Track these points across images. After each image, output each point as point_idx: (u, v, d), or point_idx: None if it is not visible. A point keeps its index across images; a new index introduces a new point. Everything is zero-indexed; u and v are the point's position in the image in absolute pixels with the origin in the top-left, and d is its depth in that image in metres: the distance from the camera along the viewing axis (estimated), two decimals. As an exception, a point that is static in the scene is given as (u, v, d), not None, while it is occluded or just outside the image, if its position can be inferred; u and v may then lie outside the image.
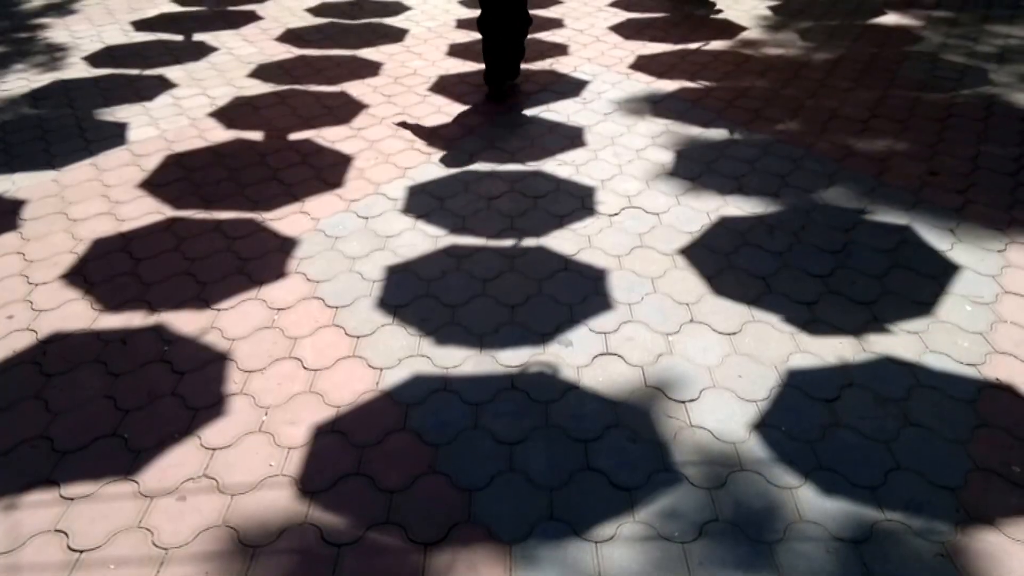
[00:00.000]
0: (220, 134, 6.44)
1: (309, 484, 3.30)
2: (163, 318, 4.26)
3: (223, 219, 5.21)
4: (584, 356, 3.95)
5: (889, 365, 3.88)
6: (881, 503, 3.19)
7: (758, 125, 6.52)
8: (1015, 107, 6.82)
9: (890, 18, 9.28)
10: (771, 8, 9.74)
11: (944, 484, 3.28)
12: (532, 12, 9.64)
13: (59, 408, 3.70)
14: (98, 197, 5.49)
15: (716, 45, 8.45)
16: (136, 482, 3.33)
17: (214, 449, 3.45)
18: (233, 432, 3.54)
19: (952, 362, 3.89)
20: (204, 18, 9.44)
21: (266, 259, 4.78)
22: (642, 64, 7.94)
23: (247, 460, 3.41)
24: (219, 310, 4.32)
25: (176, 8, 9.85)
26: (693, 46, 8.42)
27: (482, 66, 7.92)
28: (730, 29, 8.96)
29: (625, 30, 8.96)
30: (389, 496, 3.24)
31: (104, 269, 4.70)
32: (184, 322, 4.23)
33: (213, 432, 3.54)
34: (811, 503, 3.20)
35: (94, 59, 8.11)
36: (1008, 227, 5.03)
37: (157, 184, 5.65)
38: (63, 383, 3.84)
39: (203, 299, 4.41)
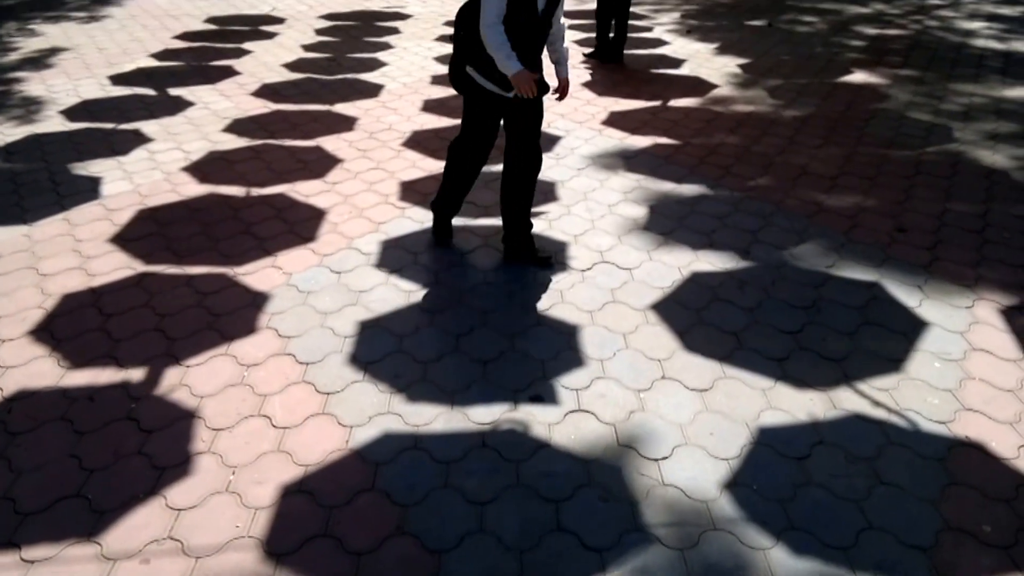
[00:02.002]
0: (194, 188, 6.43)
1: (276, 546, 3.25)
2: (131, 375, 4.21)
3: (195, 274, 5.19)
4: (556, 413, 3.94)
5: (859, 422, 3.88)
6: (853, 564, 3.18)
7: (729, 181, 6.59)
8: (980, 164, 6.93)
9: (858, 76, 9.44)
10: (741, 66, 9.88)
11: (915, 544, 3.27)
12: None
13: (23, 467, 3.64)
14: (69, 252, 5.46)
15: (687, 102, 8.55)
16: (99, 544, 3.27)
17: (180, 510, 3.40)
18: (199, 492, 3.49)
19: (922, 419, 3.90)
20: (181, 73, 9.47)
21: (237, 315, 4.76)
22: (615, 120, 8.02)
23: (213, 521, 3.36)
24: (188, 367, 4.28)
25: (154, 63, 9.88)
26: (665, 103, 8.51)
27: (456, 120, 7.97)
28: (701, 86, 9.07)
29: (598, 87, 9.06)
30: (357, 558, 3.20)
31: (72, 325, 4.66)
32: (152, 379, 4.19)
33: (179, 492, 3.49)
34: (783, 564, 3.18)
35: (70, 113, 8.11)
36: (975, 284, 5.08)
37: (129, 239, 5.63)
38: (28, 442, 3.79)
39: (172, 355, 4.38)
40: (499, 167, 6.84)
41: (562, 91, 5.04)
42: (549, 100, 8.54)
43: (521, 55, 4.62)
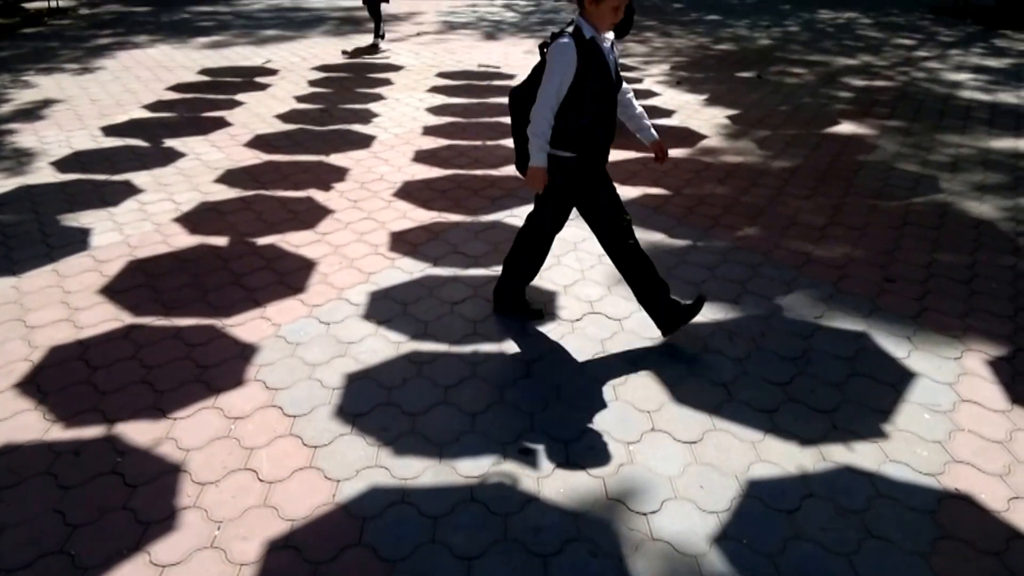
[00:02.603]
0: (184, 239, 6.44)
1: (260, 602, 3.21)
2: (117, 428, 4.19)
3: (183, 326, 5.18)
4: (545, 466, 3.92)
5: (849, 475, 3.87)
6: (843, 618, 3.15)
7: (718, 231, 6.62)
8: (968, 215, 6.98)
9: (846, 128, 9.53)
10: (730, 117, 9.97)
11: (906, 598, 3.24)
12: (497, 123, 9.81)
13: (6, 523, 3.60)
14: (57, 304, 5.44)
15: (677, 152, 8.61)
16: (81, 601, 3.23)
17: (163, 566, 3.36)
18: (184, 548, 3.45)
19: (911, 472, 3.89)
20: (174, 124, 9.53)
21: (225, 366, 4.74)
22: (605, 170, 8.06)
23: (197, 577, 3.32)
24: (175, 419, 4.26)
25: (146, 114, 9.94)
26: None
27: (446, 171, 8.01)
28: (690, 137, 9.15)
29: (589, 137, 9.10)
30: (342, 614, 3.16)
31: (59, 378, 4.64)
32: (138, 432, 4.16)
33: (164, 548, 3.45)
34: (773, 619, 3.15)
35: (61, 164, 8.14)
36: (964, 335, 5.09)
37: (118, 290, 5.62)
38: (11, 497, 3.75)
39: (159, 408, 4.35)
40: (488, 216, 6.87)
41: (662, 155, 4.99)
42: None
43: (599, 124, 4.55)
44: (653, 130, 5.00)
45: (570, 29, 4.44)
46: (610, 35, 4.58)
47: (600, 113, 4.55)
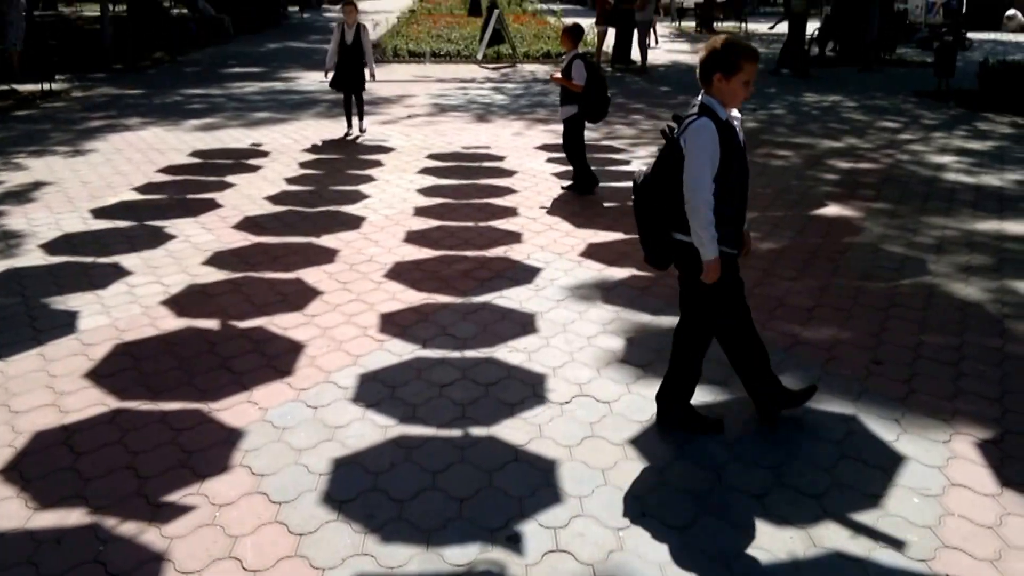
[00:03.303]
0: (172, 322, 6.43)
1: None
2: (100, 516, 4.13)
3: (169, 410, 5.14)
4: (533, 553, 3.87)
5: (840, 560, 3.83)
6: None
7: (707, 313, 6.63)
8: (954, 297, 7.03)
9: (832, 210, 9.63)
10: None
11: None
12: (488, 204, 9.90)
13: (-17, 615, 3.53)
14: (42, 388, 5.41)
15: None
16: None
17: (144, 659, 3.30)
18: (165, 640, 3.39)
19: (902, 557, 3.85)
20: (164, 206, 9.58)
21: (210, 452, 4.70)
22: (593, 252, 8.13)
23: (178, 671, 3.25)
24: (159, 506, 4.20)
25: (137, 196, 10.00)
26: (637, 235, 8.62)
27: (436, 252, 8.06)
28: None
29: (577, 219, 9.19)
30: None
31: (42, 464, 4.58)
32: (122, 520, 4.10)
33: (144, 640, 3.39)
34: None
35: (50, 247, 8.15)
36: (952, 417, 5.09)
37: (104, 374, 5.60)
38: (-10, 587, 3.69)
39: (143, 495, 4.30)
40: (478, 298, 6.89)
41: (747, 247, 4.83)
42: (530, 231, 8.66)
43: (738, 211, 4.51)
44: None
45: (694, 110, 4.43)
46: (736, 113, 4.57)
47: (743, 197, 4.54)
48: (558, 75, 10.16)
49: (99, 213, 9.27)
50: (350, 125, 14.09)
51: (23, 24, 19.91)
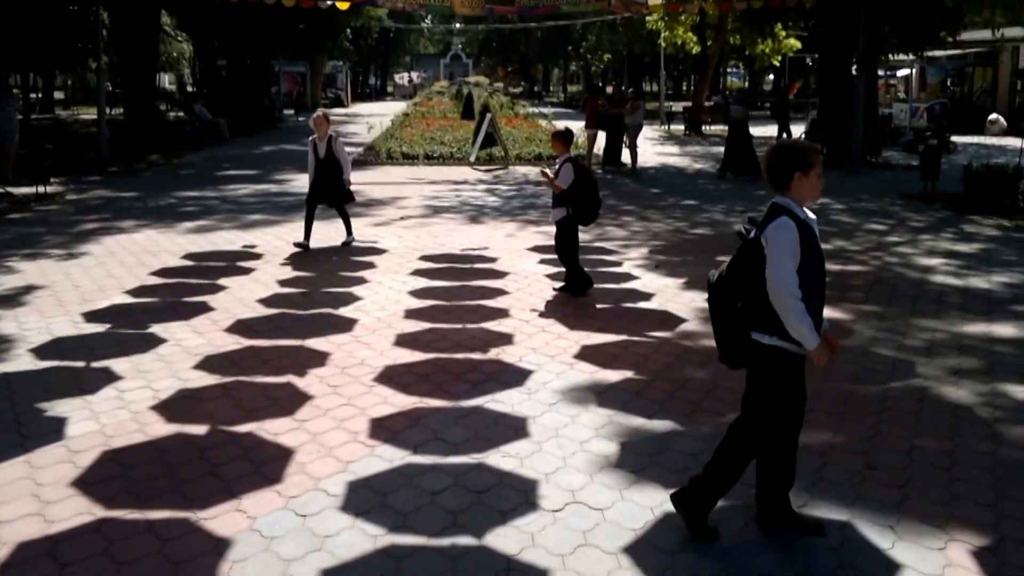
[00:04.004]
0: (161, 428, 6.38)
1: None
2: (82, 631, 4.03)
3: (156, 519, 5.06)
4: (525, 669, 3.78)
5: (841, 676, 3.74)
6: None
7: (700, 417, 6.63)
8: (945, 400, 7.03)
9: (823, 310, 9.66)
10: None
11: None
12: (480, 306, 9.93)
13: None
14: (28, 497, 5.33)
15: (657, 336, 8.70)
16: None
17: None
18: None
19: (905, 672, 3.77)
20: (155, 309, 9.58)
21: (197, 562, 4.61)
22: (586, 354, 8.13)
23: None
24: (143, 621, 4.11)
25: (129, 299, 10.01)
26: (635, 337, 8.65)
27: (428, 355, 8.05)
28: (670, 321, 9.27)
29: (570, 320, 9.22)
30: None
31: (25, 576, 4.50)
32: (104, 635, 4.00)
33: None
34: None
35: (40, 351, 8.12)
36: (947, 524, 5.04)
37: (91, 482, 5.52)
38: None
39: (127, 609, 4.21)
40: (470, 401, 6.86)
41: (834, 349, 4.77)
42: (522, 333, 8.67)
43: (815, 311, 4.50)
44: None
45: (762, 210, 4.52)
46: (810, 213, 4.62)
47: (821, 296, 4.57)
48: (548, 171, 10.34)
49: (90, 317, 9.27)
50: (307, 237, 13.16)
51: (15, 128, 20.29)
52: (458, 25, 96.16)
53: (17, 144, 20.66)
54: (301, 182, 20.66)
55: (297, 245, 13.16)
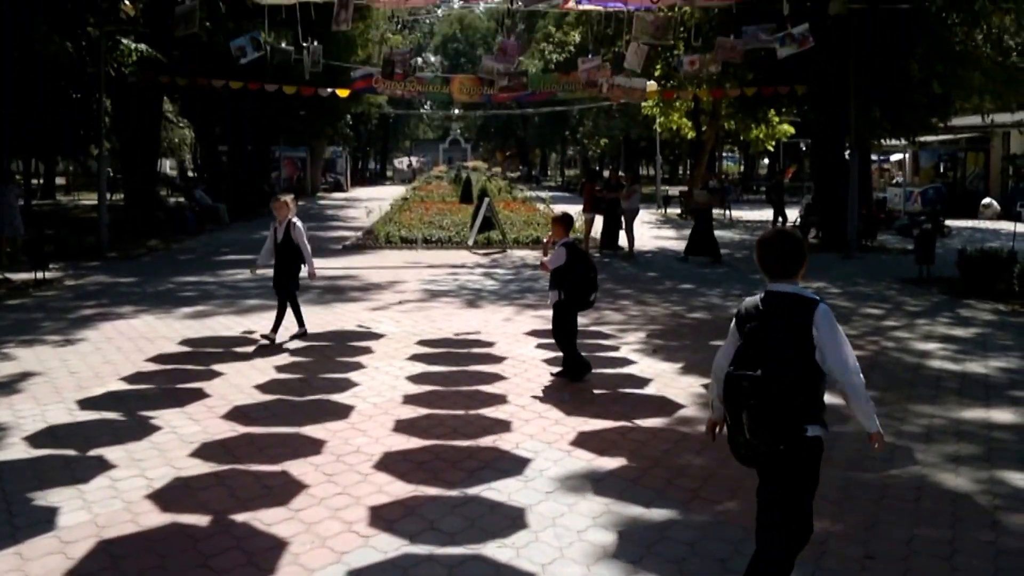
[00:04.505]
0: (154, 518, 6.31)
1: None
2: None
3: (146, 613, 4.99)
4: None
5: None
6: None
7: (698, 505, 6.57)
8: (944, 488, 6.98)
9: (820, 395, 9.64)
10: (706, 386, 10.06)
11: None
12: (477, 391, 9.91)
13: None
14: (17, 589, 5.26)
15: (654, 422, 8.68)
16: None
17: None
18: None
19: None
20: (151, 396, 9.55)
21: (187, 659, 4.53)
22: (583, 441, 8.10)
23: None
24: None
25: (124, 386, 9.98)
26: (633, 424, 8.62)
27: (425, 442, 8.01)
28: (668, 406, 9.24)
29: (567, 406, 9.19)
30: None
31: (11, 673, 4.41)
32: None
33: None
34: None
35: (34, 439, 8.07)
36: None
37: (82, 574, 5.45)
38: None
39: None
40: (466, 490, 6.80)
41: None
42: (519, 419, 8.64)
43: None
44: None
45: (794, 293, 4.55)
46: None
47: None
48: (546, 257, 10.42)
49: (85, 404, 9.23)
50: (275, 329, 12.50)
51: (16, 213, 20.55)
52: (457, 111, 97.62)
53: (21, 230, 20.85)
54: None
55: (265, 337, 12.47)
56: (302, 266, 12.65)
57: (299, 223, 12.62)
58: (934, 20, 22.23)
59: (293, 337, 12.68)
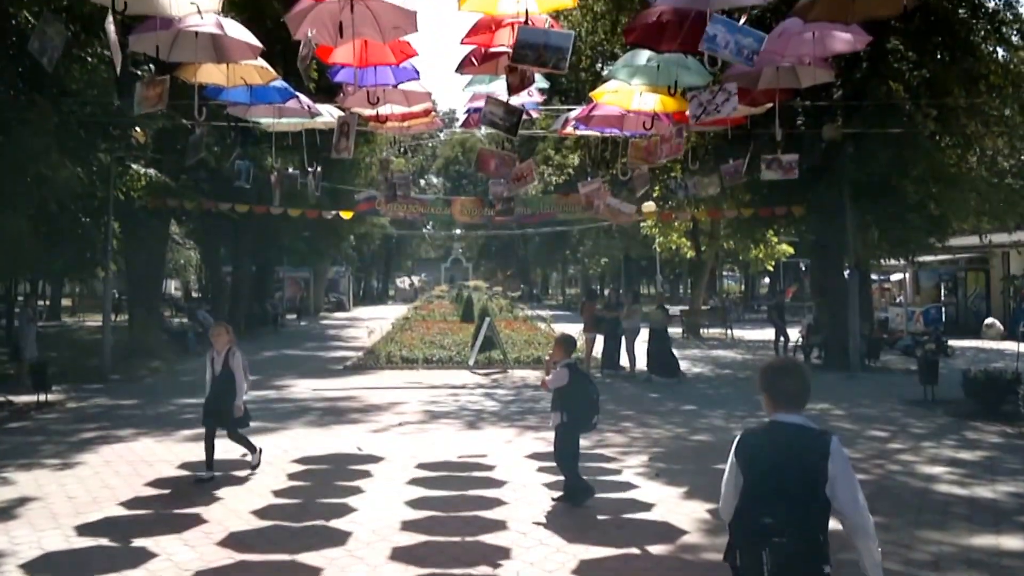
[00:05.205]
0: (146, 651, 6.19)
1: None
2: None
3: None
4: None
5: None
6: None
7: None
8: (956, 617, 6.84)
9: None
10: (710, 511, 9.90)
11: None
12: (476, 516, 9.79)
13: None
14: None
15: (658, 549, 8.56)
16: None
17: None
18: None
19: None
20: (148, 522, 9.44)
21: None
22: (585, 569, 8.02)
23: None
24: None
25: (122, 512, 9.88)
26: (635, 551, 8.50)
27: (423, 570, 7.88)
28: (670, 533, 9.11)
29: (568, 533, 9.06)
30: None
31: None
32: None
33: None
34: None
35: (29, 567, 7.97)
36: None
37: None
38: None
39: None
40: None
41: None
42: (520, 546, 8.52)
43: None
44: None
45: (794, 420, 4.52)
46: None
47: None
48: (548, 377, 10.41)
49: (83, 530, 9.12)
50: (209, 467, 11.59)
51: (32, 339, 20.97)
52: (458, 231, 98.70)
53: (35, 353, 21.12)
54: (300, 388, 20.78)
55: (199, 481, 11.46)
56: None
57: (239, 353, 11.76)
58: (927, 143, 22.65)
59: (253, 468, 12.02)
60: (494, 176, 18.25)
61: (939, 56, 23.56)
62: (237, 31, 11.08)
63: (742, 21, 10.44)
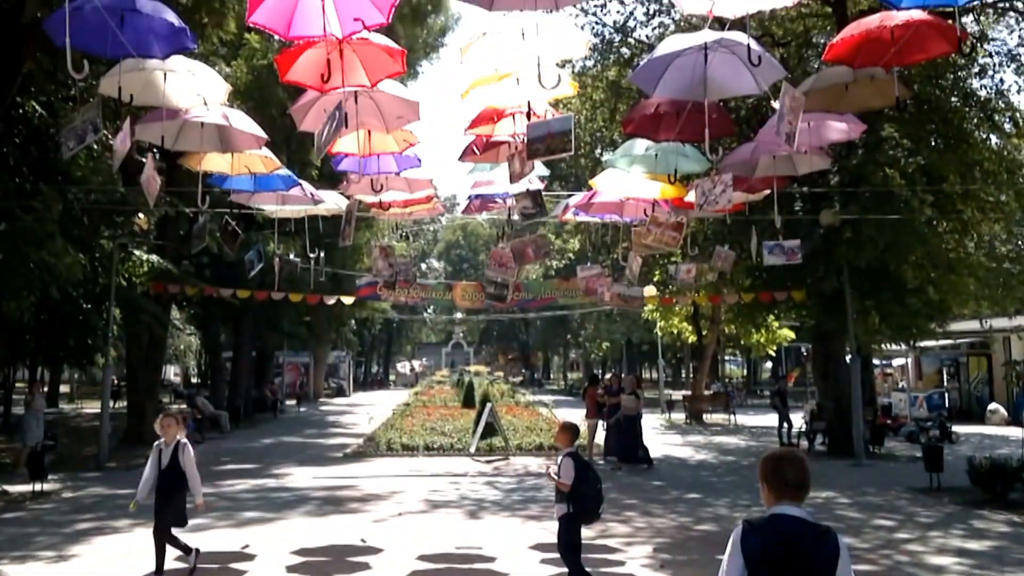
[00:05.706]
0: None
1: None
2: None
3: None
4: None
5: None
6: None
7: None
8: None
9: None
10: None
11: None
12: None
13: None
14: None
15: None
16: None
17: None
18: None
19: None
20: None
21: None
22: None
23: None
24: None
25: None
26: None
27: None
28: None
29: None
30: None
31: None
32: None
33: None
34: None
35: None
36: None
37: None
38: None
39: None
40: None
41: None
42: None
43: None
44: None
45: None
46: None
47: None
48: (552, 469, 10.22)
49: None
50: (186, 551, 11.04)
51: (39, 426, 20.83)
52: (459, 315, 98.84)
53: (38, 441, 20.88)
54: (298, 477, 20.51)
55: (191, 574, 11.05)
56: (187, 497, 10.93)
57: (190, 447, 10.89)
58: (924, 228, 22.76)
59: (191, 571, 11.09)
60: (535, 262, 18.50)
61: (934, 143, 23.83)
62: (242, 122, 11.21)
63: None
